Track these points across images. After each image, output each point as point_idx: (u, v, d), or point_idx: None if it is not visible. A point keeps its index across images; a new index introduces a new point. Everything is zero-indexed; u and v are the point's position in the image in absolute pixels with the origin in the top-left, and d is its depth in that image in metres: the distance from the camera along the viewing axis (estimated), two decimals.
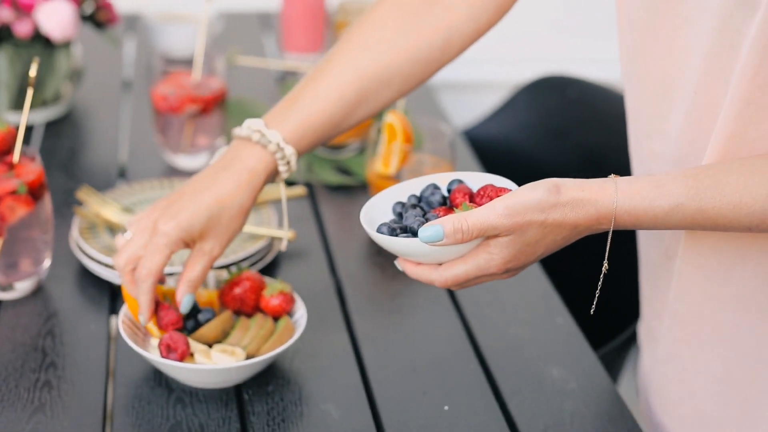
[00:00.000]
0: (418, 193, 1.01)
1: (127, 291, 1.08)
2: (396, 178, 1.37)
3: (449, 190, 1.00)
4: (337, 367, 1.12)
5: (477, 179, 1.00)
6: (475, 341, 1.17)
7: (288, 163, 1.08)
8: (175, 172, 1.52)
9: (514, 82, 1.86)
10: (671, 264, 1.09)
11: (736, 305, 1.03)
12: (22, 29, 1.54)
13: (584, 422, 1.05)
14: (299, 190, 1.38)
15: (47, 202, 1.19)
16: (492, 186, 0.97)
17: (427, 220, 0.95)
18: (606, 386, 1.11)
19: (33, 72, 1.17)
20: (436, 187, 1.00)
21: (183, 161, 1.53)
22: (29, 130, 1.61)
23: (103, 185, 1.45)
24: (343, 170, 1.54)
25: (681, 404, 1.11)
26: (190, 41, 1.88)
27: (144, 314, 1.06)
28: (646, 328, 1.19)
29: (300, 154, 1.10)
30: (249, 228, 1.28)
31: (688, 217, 0.92)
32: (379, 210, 1.01)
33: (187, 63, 1.54)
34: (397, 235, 0.95)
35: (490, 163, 1.67)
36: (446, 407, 1.07)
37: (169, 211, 1.05)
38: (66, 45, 1.61)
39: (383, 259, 1.33)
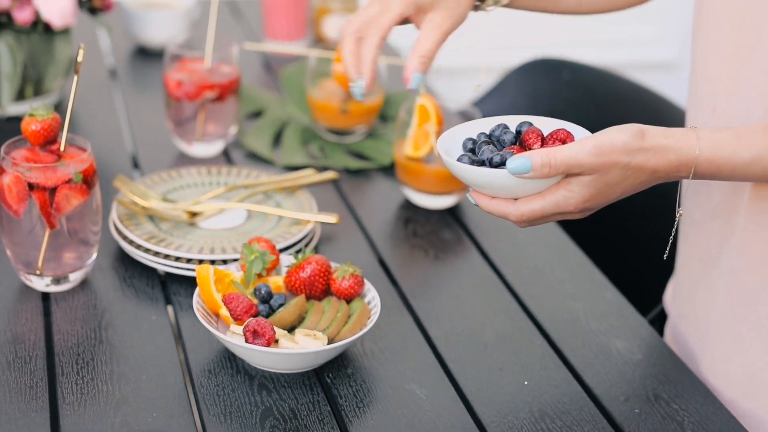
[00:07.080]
0: (487, 132, 1.03)
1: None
2: (426, 161, 1.38)
3: (518, 132, 1.01)
4: (408, 347, 1.13)
5: (545, 123, 1.02)
6: (534, 317, 1.20)
7: None
8: (189, 160, 1.50)
9: (506, 66, 1.88)
10: (717, 224, 1.13)
11: None
12: (22, 16, 1.49)
13: (659, 390, 1.08)
14: (331, 174, 1.37)
15: (98, 191, 1.17)
16: (564, 130, 0.99)
17: (502, 157, 0.96)
18: (668, 356, 1.14)
19: (80, 57, 1.14)
20: (506, 127, 1.02)
21: (196, 149, 1.50)
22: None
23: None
24: (355, 154, 1.54)
25: (729, 360, 1.15)
26: (170, 28, 1.85)
27: (367, 74, 1.10)
28: (685, 290, 1.22)
29: None
30: (292, 213, 1.27)
31: (767, 169, 0.96)
32: (448, 145, 1.02)
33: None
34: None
35: None
36: (526, 382, 1.09)
37: None
38: (65, 32, 1.56)
39: (422, 240, 1.33)
